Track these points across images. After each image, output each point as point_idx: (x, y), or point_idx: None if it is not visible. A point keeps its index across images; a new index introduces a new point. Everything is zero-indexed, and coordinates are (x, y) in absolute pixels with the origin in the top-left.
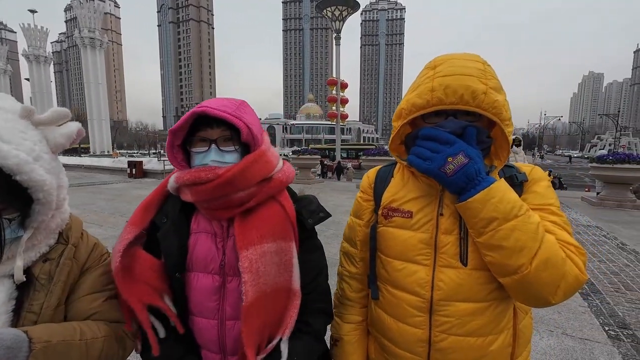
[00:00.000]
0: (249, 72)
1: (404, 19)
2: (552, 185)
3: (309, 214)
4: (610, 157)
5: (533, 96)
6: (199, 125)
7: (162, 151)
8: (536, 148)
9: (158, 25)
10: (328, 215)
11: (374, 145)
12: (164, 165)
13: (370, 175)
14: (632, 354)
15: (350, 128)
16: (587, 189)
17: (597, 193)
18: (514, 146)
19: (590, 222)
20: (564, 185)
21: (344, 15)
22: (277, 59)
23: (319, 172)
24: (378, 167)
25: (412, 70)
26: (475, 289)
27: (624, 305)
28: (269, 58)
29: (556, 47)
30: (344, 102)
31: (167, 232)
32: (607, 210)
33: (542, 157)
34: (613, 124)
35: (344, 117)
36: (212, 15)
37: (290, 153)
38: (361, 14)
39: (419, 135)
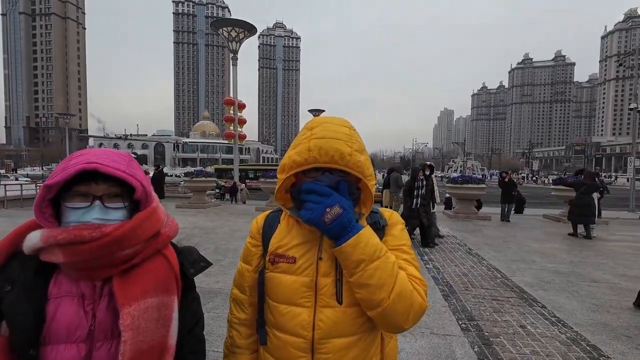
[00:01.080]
0: (133, 82)
1: (299, 47)
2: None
3: (190, 265)
4: (460, 179)
5: (407, 125)
6: (80, 179)
7: (3, 171)
8: (410, 169)
9: (2, 14)
10: (209, 264)
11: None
12: (5, 190)
13: (259, 220)
14: (476, 341)
15: (249, 148)
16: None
17: (452, 207)
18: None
19: (449, 233)
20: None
21: (240, 37)
22: (168, 72)
23: (216, 193)
24: (267, 213)
25: (307, 93)
26: (349, 324)
27: (471, 301)
28: (158, 70)
29: (422, 86)
30: (242, 122)
31: (15, 302)
32: (459, 221)
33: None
34: (462, 150)
35: (242, 137)
36: (84, 14)
37: (183, 175)
38: (259, 37)
39: (302, 188)
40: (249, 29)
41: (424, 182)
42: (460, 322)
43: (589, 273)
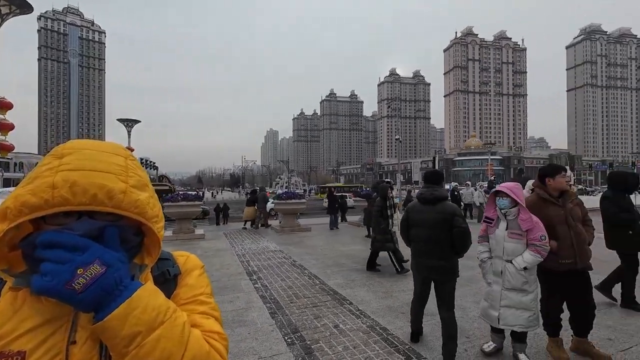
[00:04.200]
0: None
1: (104, 43)
2: None
3: None
4: (285, 195)
5: (237, 142)
6: None
7: None
8: (240, 186)
9: None
10: None
11: None
12: None
13: None
14: (300, 353)
15: (22, 163)
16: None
17: (280, 221)
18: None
19: (276, 247)
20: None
21: (2, 13)
22: None
23: None
24: None
25: (128, 101)
26: None
27: (295, 313)
28: None
29: (251, 104)
30: (7, 127)
31: None
32: (285, 235)
33: (245, 194)
34: (287, 168)
35: (7, 148)
36: None
37: None
38: (38, 18)
39: (38, 241)
40: (20, 5)
41: (394, 202)
42: (286, 338)
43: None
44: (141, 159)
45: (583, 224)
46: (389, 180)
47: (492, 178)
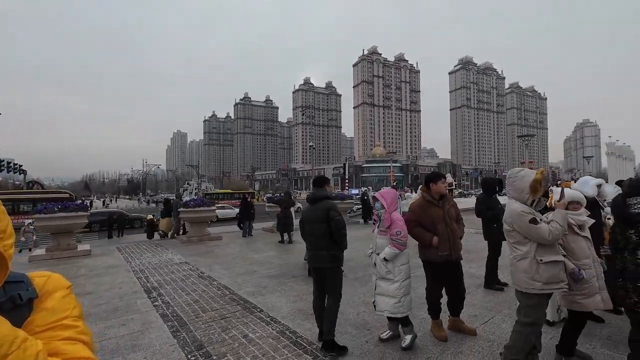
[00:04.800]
0: None
1: None
2: None
3: None
4: (192, 202)
5: (136, 145)
6: None
7: None
8: (141, 193)
9: None
10: None
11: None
12: None
13: None
14: None
15: None
16: None
17: (185, 232)
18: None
19: (182, 259)
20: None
21: None
22: None
23: None
24: None
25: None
26: None
27: (201, 328)
28: None
29: (156, 104)
30: None
31: None
32: (193, 245)
33: (147, 202)
34: (196, 173)
35: None
36: None
37: None
38: None
39: None
40: None
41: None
42: (190, 356)
43: (291, 271)
44: (0, 161)
45: (456, 222)
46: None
47: (395, 183)
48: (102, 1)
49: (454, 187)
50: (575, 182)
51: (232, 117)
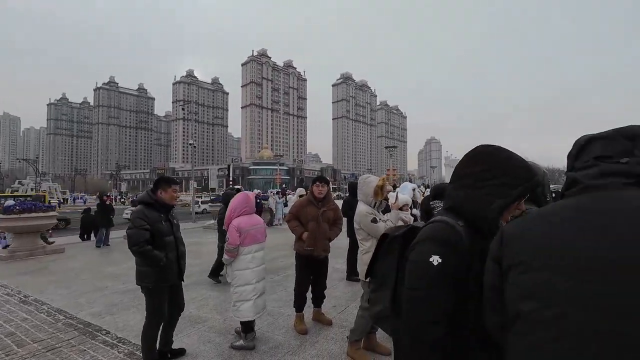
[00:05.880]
0: None
1: None
2: None
3: None
4: (18, 208)
5: None
6: None
7: None
8: None
9: None
10: None
11: None
12: None
13: None
14: None
15: None
16: None
17: (7, 246)
18: None
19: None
20: None
21: None
22: None
23: None
24: None
25: None
26: None
27: None
28: None
29: None
30: None
31: None
32: (18, 262)
33: None
34: (34, 169)
35: None
36: None
37: None
38: None
39: None
40: None
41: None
42: None
43: None
44: None
45: (333, 225)
46: (239, 187)
47: (284, 185)
48: None
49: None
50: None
51: (92, 104)
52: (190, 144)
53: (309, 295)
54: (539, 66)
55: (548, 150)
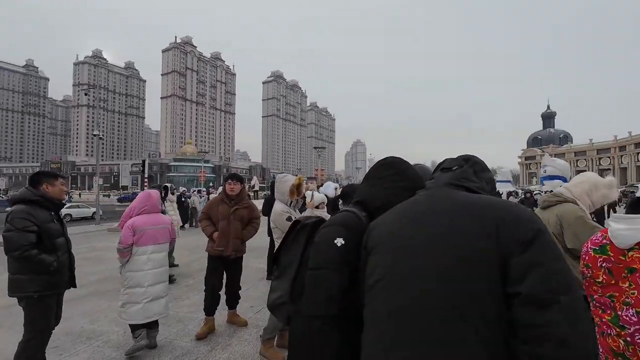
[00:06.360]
0: None
1: None
2: None
3: None
4: None
5: None
6: None
7: None
8: None
9: None
10: None
11: None
12: None
13: None
14: None
15: None
16: None
17: None
18: None
19: None
20: None
21: None
22: None
23: None
24: None
25: None
26: None
27: None
28: None
29: None
30: None
31: None
32: None
33: None
34: None
35: None
36: None
37: None
38: None
39: None
40: None
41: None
42: None
43: None
44: None
45: (247, 224)
46: (168, 185)
47: (211, 184)
48: None
49: (257, 189)
50: (322, 186)
51: None
52: (95, 135)
53: (225, 297)
54: (442, 91)
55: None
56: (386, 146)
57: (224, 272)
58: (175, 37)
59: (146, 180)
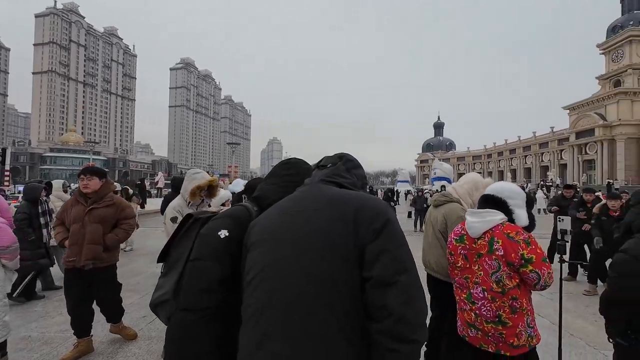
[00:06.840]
0: None
1: None
2: None
3: None
4: None
5: None
6: None
7: None
8: None
9: None
10: None
11: None
12: None
13: None
14: None
15: None
16: None
17: None
18: None
19: None
20: None
21: None
22: None
23: None
24: None
25: None
26: None
27: None
28: None
29: None
30: None
31: None
32: None
33: None
34: None
35: None
36: None
37: None
38: None
39: None
40: None
41: None
42: None
43: None
44: None
45: (117, 226)
46: (61, 180)
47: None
48: None
49: (162, 186)
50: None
51: None
52: None
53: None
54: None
55: (364, 156)
56: (302, 145)
57: (90, 287)
58: (55, 1)
59: (7, 173)
